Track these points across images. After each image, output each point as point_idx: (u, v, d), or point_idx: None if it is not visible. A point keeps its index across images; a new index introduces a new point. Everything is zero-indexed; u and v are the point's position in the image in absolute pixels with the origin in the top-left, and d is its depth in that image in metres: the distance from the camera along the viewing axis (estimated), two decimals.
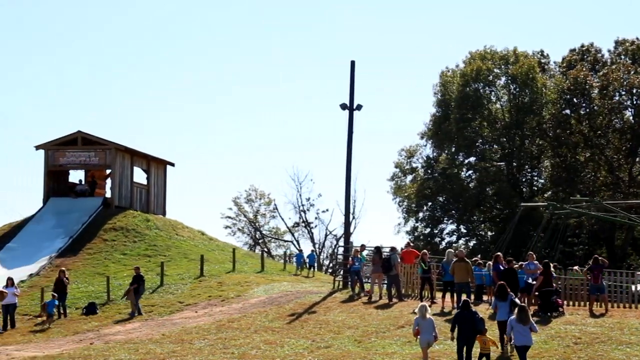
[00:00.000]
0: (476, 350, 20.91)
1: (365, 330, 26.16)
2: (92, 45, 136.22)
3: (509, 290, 22.24)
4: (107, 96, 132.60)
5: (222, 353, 24.13)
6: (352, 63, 37.24)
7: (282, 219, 75.21)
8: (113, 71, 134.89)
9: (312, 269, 45.31)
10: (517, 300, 22.65)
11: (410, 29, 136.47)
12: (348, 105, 36.75)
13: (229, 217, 77.81)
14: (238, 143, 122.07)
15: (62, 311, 32.80)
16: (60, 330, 30.21)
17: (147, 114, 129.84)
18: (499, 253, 29.52)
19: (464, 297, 26.25)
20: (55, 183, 49.36)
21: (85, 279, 38.42)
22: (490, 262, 30.33)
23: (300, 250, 49.63)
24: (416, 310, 21.84)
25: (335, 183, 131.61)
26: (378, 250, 32.71)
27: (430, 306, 28.73)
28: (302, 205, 72.51)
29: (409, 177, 73.13)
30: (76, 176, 51.56)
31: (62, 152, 48.49)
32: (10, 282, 32.37)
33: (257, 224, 77.66)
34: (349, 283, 34.24)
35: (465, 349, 20.65)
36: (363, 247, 34.92)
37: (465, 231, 70.96)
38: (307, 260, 45.92)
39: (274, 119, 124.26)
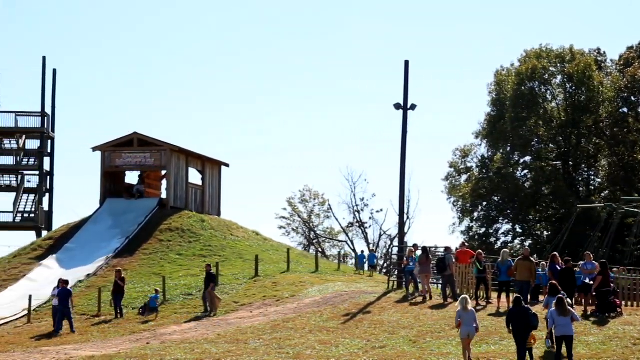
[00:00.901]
0: None
1: (420, 330, 26.07)
2: (150, 46, 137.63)
3: (560, 288, 22.37)
4: (163, 97, 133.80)
5: (277, 353, 24.18)
6: (406, 63, 37.14)
7: (337, 219, 75.16)
8: (168, 73, 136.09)
9: (372, 269, 45.48)
10: (567, 299, 22.47)
11: (465, 28, 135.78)
12: (402, 104, 36.64)
13: (283, 218, 77.93)
14: (292, 143, 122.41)
15: (119, 311, 33.13)
16: (117, 330, 30.51)
17: (201, 114, 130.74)
18: (555, 253, 29.21)
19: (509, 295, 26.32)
20: (112, 184, 49.88)
21: (141, 279, 38.75)
22: (544, 262, 30.11)
23: (362, 251, 49.52)
24: (457, 303, 22.18)
25: (390, 183, 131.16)
26: (425, 250, 32.61)
27: (485, 307, 28.65)
28: (356, 205, 72.41)
29: (464, 177, 72.67)
30: (132, 177, 52.05)
31: (118, 153, 48.99)
32: (62, 283, 32.46)
33: (311, 224, 77.68)
34: (404, 283, 34.16)
35: (522, 343, 20.64)
36: (416, 247, 34.84)
37: (520, 231, 70.37)
38: (368, 261, 46.16)
39: (328, 119, 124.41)
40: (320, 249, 74.53)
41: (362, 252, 49.39)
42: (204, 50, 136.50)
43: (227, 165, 54.07)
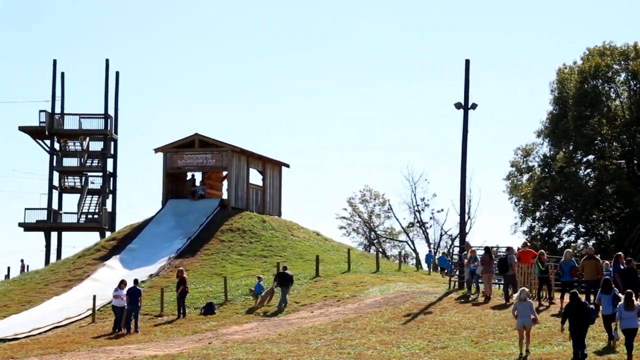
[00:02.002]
0: None
1: (482, 330, 25.89)
2: (211, 47, 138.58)
3: (613, 285, 23.05)
4: (224, 98, 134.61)
5: (338, 353, 24.18)
6: (467, 62, 36.90)
7: (397, 219, 75.00)
8: (229, 73, 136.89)
9: (444, 272, 44.77)
10: (619, 294, 22.68)
11: (525, 26, 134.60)
12: (463, 104, 36.42)
13: (344, 218, 78.00)
14: (352, 143, 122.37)
15: (181, 311, 33.39)
16: (179, 329, 30.73)
17: (262, 115, 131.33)
18: (619, 253, 28.81)
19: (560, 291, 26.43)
20: (174, 185, 50.30)
21: (203, 280, 39.00)
22: (607, 262, 29.74)
23: (430, 251, 49.21)
24: (514, 295, 23.05)
25: (451, 183, 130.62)
26: (488, 250, 32.41)
27: (547, 307, 28.35)
28: (417, 205, 72.16)
29: (525, 176, 71.96)
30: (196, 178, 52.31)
31: (180, 154, 49.41)
32: (122, 284, 32.67)
33: (371, 225, 77.61)
34: (465, 283, 33.97)
35: (578, 338, 21.03)
36: (475, 247, 34.71)
37: (584, 230, 69.51)
38: (438, 263, 45.87)
39: (388, 118, 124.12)
40: (380, 249, 74.42)
41: (430, 252, 48.89)
42: (265, 51, 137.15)
43: (287, 165, 54.27)
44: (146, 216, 49.05)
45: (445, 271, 44.59)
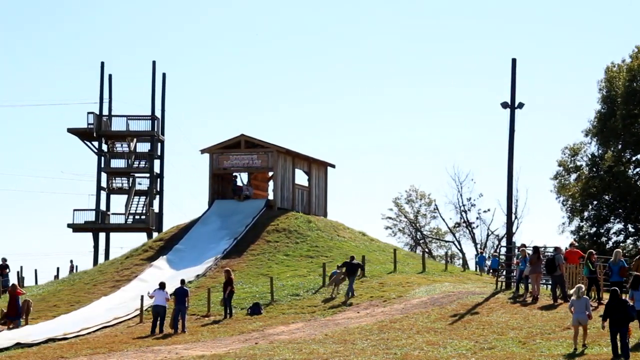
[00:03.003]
0: None
1: (529, 331, 25.71)
2: (256, 47, 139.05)
3: None
4: (269, 99, 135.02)
5: (384, 354, 24.13)
6: (514, 61, 36.64)
7: (443, 220, 74.69)
8: (274, 74, 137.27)
9: (495, 273, 44.47)
10: None
11: (573, 24, 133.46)
12: (509, 103, 36.17)
13: (390, 218, 77.86)
14: (398, 143, 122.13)
15: (228, 311, 33.52)
16: (226, 330, 30.86)
17: (307, 115, 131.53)
18: None
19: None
20: (220, 185, 50.54)
21: (249, 280, 39.13)
22: None
23: (481, 252, 48.92)
24: (571, 291, 23.45)
25: (497, 182, 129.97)
26: (536, 250, 32.13)
27: (596, 307, 28.07)
28: (463, 205, 71.81)
29: (573, 176, 71.28)
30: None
31: (226, 155, 49.64)
32: (162, 286, 32.74)
33: (417, 225, 77.40)
34: (513, 283, 33.75)
35: (619, 336, 21.30)
36: (523, 246, 34.46)
37: (633, 230, 68.70)
38: (489, 264, 45.66)
39: (434, 118, 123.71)
40: (427, 250, 74.18)
41: (482, 253, 48.56)
42: (311, 50, 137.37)
43: (333, 166, 54.29)
44: (193, 217, 49.37)
45: (494, 271, 44.50)
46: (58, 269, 52.08)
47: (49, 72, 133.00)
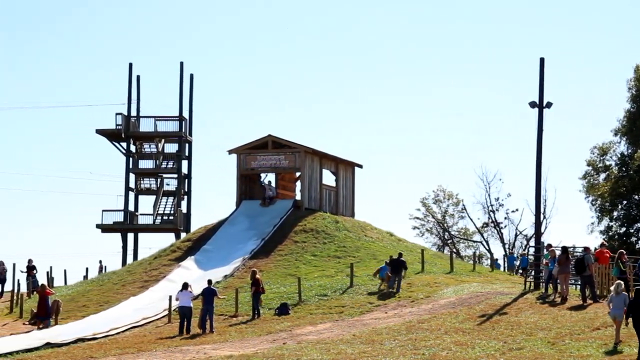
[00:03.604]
0: None
1: (558, 332, 25.60)
2: (281, 48, 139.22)
3: None
4: (296, 99, 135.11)
5: (412, 354, 24.10)
6: (542, 60, 36.46)
7: (471, 220, 74.50)
8: (301, 74, 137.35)
9: (524, 273, 44.33)
10: None
11: (602, 23, 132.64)
12: (538, 103, 36.01)
13: (417, 218, 77.74)
14: (425, 143, 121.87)
15: (256, 312, 33.58)
16: (254, 330, 30.92)
17: (334, 115, 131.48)
18: None
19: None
20: (247, 186, 50.60)
21: (277, 280, 39.17)
22: None
23: (511, 253, 48.67)
24: (612, 287, 23.87)
25: (525, 182, 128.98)
26: (565, 250, 31.97)
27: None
28: (491, 205, 71.58)
29: (602, 175, 70.85)
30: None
31: (253, 156, 49.69)
32: (185, 286, 32.62)
33: (445, 225, 77.24)
34: (541, 284, 33.60)
35: None
36: (550, 246, 34.28)
37: None
38: (518, 263, 45.52)
39: (462, 117, 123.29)
40: (454, 250, 73.99)
41: (512, 254, 48.35)
42: (337, 51, 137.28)
43: (360, 166, 54.23)
44: (220, 217, 49.47)
45: (524, 271, 44.41)
46: (87, 269, 52.38)
47: (77, 74, 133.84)
